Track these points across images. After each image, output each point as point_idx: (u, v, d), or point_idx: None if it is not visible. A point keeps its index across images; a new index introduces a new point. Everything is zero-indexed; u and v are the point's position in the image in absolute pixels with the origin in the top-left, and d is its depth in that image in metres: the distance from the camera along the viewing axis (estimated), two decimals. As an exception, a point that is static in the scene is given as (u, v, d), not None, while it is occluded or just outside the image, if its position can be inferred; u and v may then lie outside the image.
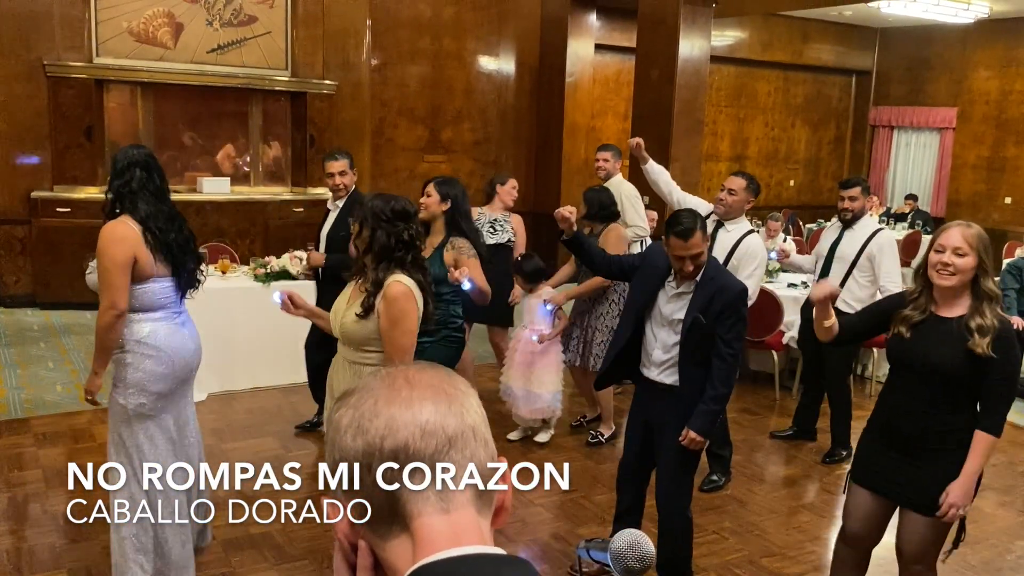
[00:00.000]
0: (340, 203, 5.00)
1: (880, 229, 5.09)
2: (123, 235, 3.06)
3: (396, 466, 0.86)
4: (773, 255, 6.67)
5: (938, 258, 2.76)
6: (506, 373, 5.22)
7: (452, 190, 4.31)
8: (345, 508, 0.89)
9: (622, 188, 5.85)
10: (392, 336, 2.89)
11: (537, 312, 5.06)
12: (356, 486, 0.88)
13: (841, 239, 5.07)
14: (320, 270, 5.13)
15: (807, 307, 5.03)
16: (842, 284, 4.93)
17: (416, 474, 0.86)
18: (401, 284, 2.90)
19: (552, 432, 5.32)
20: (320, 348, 4.99)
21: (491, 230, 5.39)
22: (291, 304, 3.19)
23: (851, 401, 5.23)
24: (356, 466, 0.87)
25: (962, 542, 2.96)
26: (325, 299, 5.03)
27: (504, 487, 0.94)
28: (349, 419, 0.90)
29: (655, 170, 5.05)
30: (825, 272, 5.05)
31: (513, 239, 5.48)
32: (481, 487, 0.90)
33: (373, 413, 0.89)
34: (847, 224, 5.06)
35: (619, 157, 6.07)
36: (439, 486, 0.87)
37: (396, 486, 0.86)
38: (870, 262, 4.90)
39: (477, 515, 0.89)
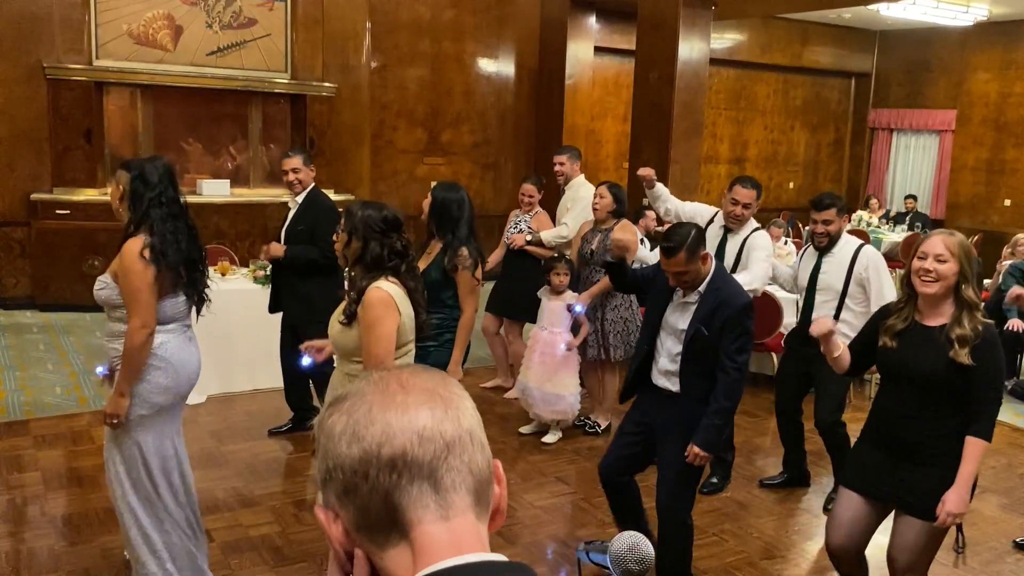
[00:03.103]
0: (300, 199, 5.02)
1: (861, 245, 4.38)
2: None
3: (394, 474, 0.85)
4: None
5: (920, 264, 2.79)
6: (524, 373, 5.29)
7: (444, 195, 4.17)
8: (340, 516, 0.88)
9: (580, 191, 5.84)
10: (367, 342, 2.83)
11: (561, 315, 5.17)
12: (352, 494, 0.86)
13: (820, 267, 4.40)
14: (278, 263, 5.03)
15: (792, 337, 4.65)
16: (836, 317, 4.27)
17: (415, 482, 0.85)
18: (380, 290, 2.84)
19: (560, 435, 5.34)
20: (294, 352, 4.93)
21: (514, 228, 5.92)
22: (318, 354, 3.22)
23: (848, 439, 4.34)
24: (352, 474, 0.86)
25: (964, 546, 2.95)
26: (283, 294, 5.05)
27: (498, 489, 0.93)
28: (343, 426, 0.88)
29: (659, 192, 5.07)
30: (808, 307, 4.43)
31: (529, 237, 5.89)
32: (479, 492, 0.89)
33: (368, 420, 0.87)
34: (823, 251, 4.40)
35: (576, 158, 6.05)
36: (438, 493, 0.86)
37: (394, 494, 0.85)
38: (862, 287, 4.29)
39: (476, 521, 0.88)
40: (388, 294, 2.85)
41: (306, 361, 3.26)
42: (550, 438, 5.31)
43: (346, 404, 0.89)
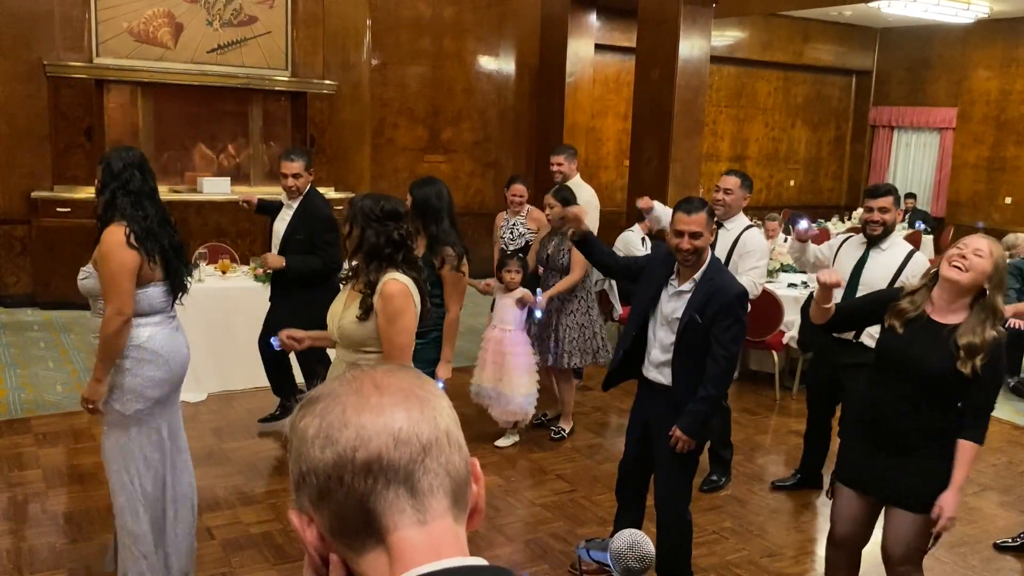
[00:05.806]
0: (295, 204, 4.86)
1: (913, 251, 4.16)
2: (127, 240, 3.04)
3: (369, 478, 0.82)
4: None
5: (956, 251, 2.77)
6: (477, 374, 5.13)
7: (422, 190, 4.16)
8: (314, 520, 0.86)
9: (580, 191, 5.76)
10: (389, 334, 2.87)
11: (513, 312, 5.04)
12: (326, 499, 0.84)
13: (867, 260, 4.18)
14: (279, 274, 4.86)
15: (821, 338, 4.40)
16: None
17: (391, 486, 0.83)
18: (397, 282, 2.88)
19: (517, 438, 5.24)
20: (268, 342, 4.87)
21: (508, 232, 5.81)
22: (294, 341, 3.20)
23: None
24: (326, 479, 0.83)
25: (939, 537, 2.91)
26: (278, 304, 4.93)
27: (476, 488, 0.91)
28: (316, 429, 0.85)
29: (659, 213, 5.03)
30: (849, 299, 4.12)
31: (530, 237, 5.77)
32: (457, 494, 0.86)
33: (342, 422, 0.84)
34: (874, 242, 4.18)
35: (574, 158, 6.03)
36: (415, 497, 0.83)
37: (370, 499, 0.82)
38: None
39: (454, 523, 0.86)
40: (405, 285, 2.89)
41: (277, 344, 3.21)
42: (504, 441, 5.18)
43: (319, 406, 0.86)
